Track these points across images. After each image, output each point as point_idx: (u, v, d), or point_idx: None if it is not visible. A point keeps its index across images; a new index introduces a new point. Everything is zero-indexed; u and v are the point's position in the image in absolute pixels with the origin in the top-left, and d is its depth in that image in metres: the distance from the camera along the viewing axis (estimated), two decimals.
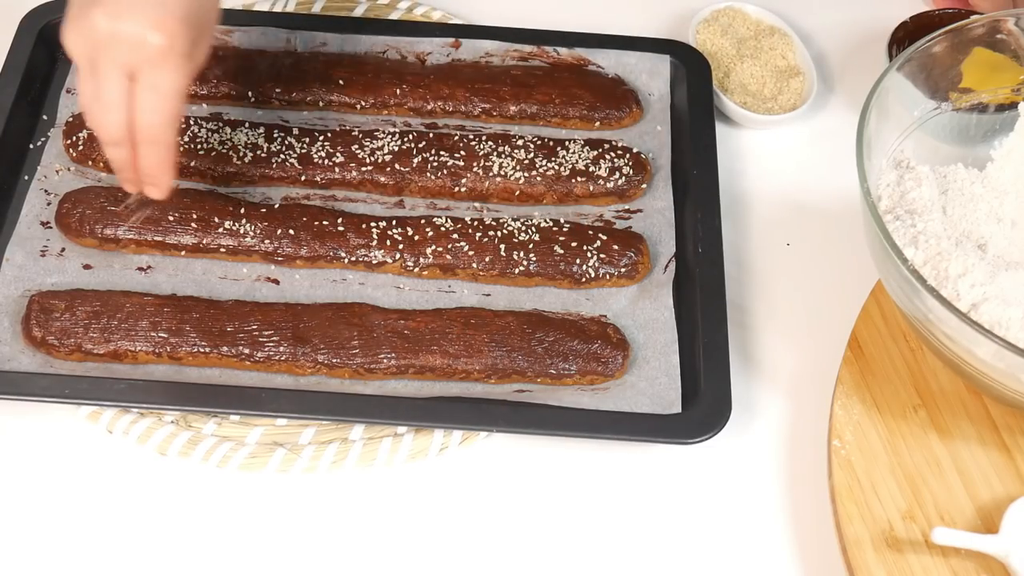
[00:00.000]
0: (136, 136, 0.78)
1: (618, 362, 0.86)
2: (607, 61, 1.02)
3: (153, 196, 0.83)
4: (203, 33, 0.78)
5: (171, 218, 0.89)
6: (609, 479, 0.84)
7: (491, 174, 0.94)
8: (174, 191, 0.91)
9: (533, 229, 0.91)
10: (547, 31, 1.04)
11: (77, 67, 0.78)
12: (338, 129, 0.97)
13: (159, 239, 0.89)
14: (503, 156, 0.95)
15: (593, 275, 0.90)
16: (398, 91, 0.99)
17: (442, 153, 0.95)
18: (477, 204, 0.95)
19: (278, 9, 1.07)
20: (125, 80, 0.76)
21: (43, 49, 0.99)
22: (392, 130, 0.97)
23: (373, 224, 0.91)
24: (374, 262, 0.90)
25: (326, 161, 0.94)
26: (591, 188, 0.95)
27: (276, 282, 0.90)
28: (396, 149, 0.95)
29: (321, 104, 0.99)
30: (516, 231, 0.91)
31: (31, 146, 0.96)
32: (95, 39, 0.75)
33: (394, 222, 0.91)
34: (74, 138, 0.94)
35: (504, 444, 0.85)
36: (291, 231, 0.90)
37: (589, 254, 0.90)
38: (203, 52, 0.79)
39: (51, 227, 0.90)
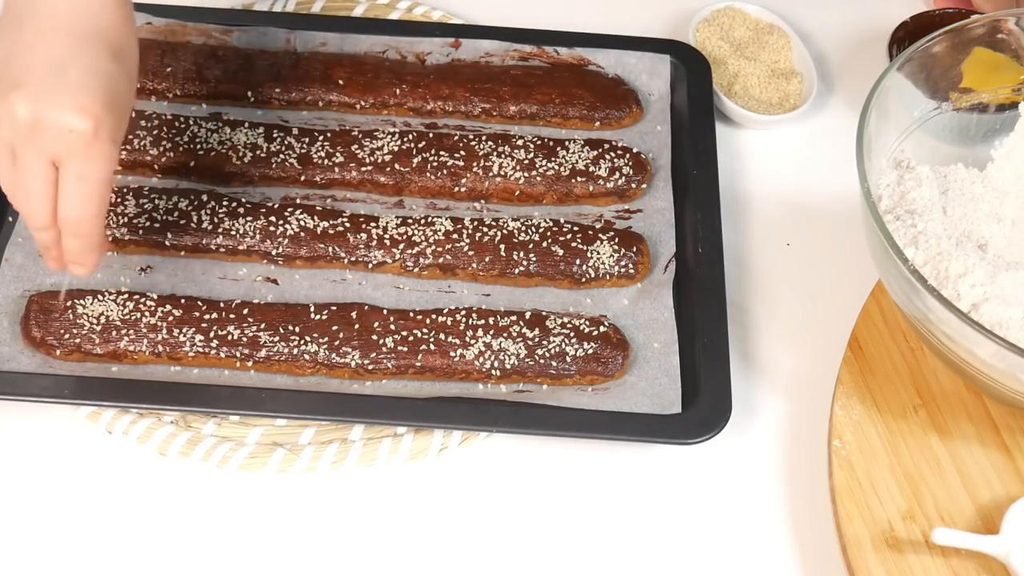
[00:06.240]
0: (61, 227, 0.73)
1: (618, 362, 0.85)
2: (607, 61, 1.02)
3: (78, 275, 0.78)
4: (124, 115, 0.73)
5: (170, 219, 0.89)
6: (609, 479, 0.84)
7: (491, 174, 0.94)
8: (173, 190, 0.91)
9: (533, 229, 0.91)
10: (547, 31, 1.04)
11: None
12: (338, 129, 0.97)
13: (158, 240, 0.89)
14: (503, 156, 0.95)
15: (593, 275, 0.90)
16: (398, 91, 0.99)
17: (442, 153, 0.95)
18: (477, 204, 0.95)
19: (278, 9, 1.07)
20: (50, 168, 0.71)
21: None
22: (392, 130, 0.97)
23: (373, 224, 0.91)
24: (374, 262, 0.90)
25: (326, 161, 0.94)
26: (591, 188, 0.95)
27: (275, 282, 0.90)
28: (396, 149, 0.95)
29: (321, 104, 0.99)
30: (516, 231, 0.91)
31: None
32: (15, 126, 0.69)
33: (394, 222, 0.91)
34: None
35: (504, 444, 0.85)
36: (291, 231, 0.90)
37: (589, 254, 0.90)
38: (123, 134, 0.74)
39: None
